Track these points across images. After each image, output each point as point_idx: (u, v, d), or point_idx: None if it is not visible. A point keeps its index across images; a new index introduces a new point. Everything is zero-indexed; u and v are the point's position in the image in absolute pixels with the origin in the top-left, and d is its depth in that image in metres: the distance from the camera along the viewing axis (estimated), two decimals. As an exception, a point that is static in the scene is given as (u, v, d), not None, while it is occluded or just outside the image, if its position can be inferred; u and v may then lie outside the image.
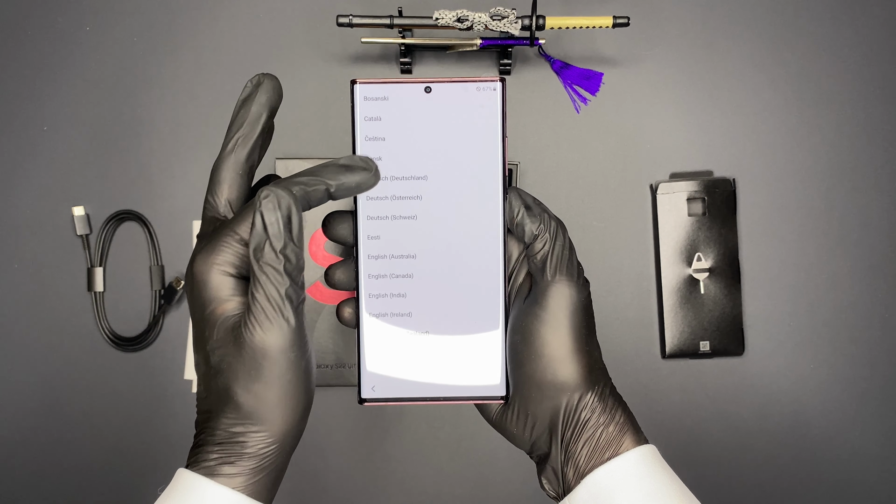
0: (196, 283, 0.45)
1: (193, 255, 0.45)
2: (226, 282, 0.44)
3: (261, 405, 0.44)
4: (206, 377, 0.46)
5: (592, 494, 0.47)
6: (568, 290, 0.48)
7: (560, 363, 0.47)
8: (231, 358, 0.44)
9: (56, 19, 0.88)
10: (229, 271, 0.44)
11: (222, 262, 0.44)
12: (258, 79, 0.49)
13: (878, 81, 0.88)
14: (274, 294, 0.43)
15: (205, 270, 0.44)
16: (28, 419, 0.87)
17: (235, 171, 0.47)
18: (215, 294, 0.44)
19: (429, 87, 0.48)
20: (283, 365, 0.44)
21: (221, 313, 0.44)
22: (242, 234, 0.44)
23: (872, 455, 0.88)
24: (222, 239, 0.44)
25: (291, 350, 0.44)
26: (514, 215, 0.49)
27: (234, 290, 0.45)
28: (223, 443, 0.45)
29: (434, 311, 0.50)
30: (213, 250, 0.44)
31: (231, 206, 0.47)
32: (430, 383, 0.50)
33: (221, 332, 0.44)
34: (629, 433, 0.48)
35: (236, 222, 0.45)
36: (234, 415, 0.44)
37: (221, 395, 0.45)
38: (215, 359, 0.44)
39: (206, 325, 0.45)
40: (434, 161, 0.48)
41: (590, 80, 0.87)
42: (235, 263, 0.44)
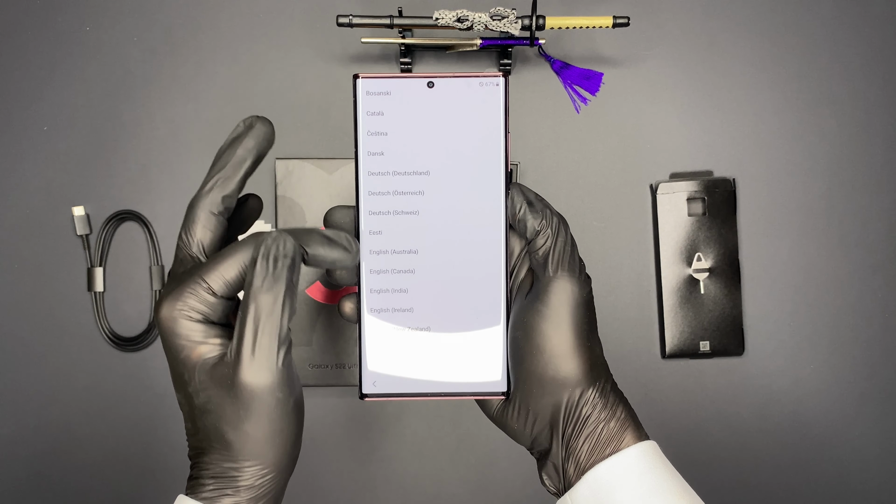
0: (164, 329, 0.45)
1: (160, 299, 0.45)
2: (195, 327, 0.44)
3: (251, 443, 0.45)
4: (192, 416, 0.46)
5: (593, 490, 0.47)
6: (570, 285, 0.48)
7: (561, 359, 0.47)
8: (218, 399, 0.44)
9: (56, 19, 0.88)
10: (195, 317, 0.44)
11: (189, 309, 0.44)
12: (251, 121, 0.48)
13: (878, 81, 0.88)
14: (266, 340, 0.43)
15: (172, 318, 0.44)
16: (28, 419, 0.87)
17: (211, 210, 0.47)
18: (187, 340, 0.44)
19: (431, 83, 0.48)
20: (271, 405, 0.44)
21: (198, 357, 0.44)
22: (212, 283, 0.44)
23: (872, 455, 0.88)
24: (188, 286, 0.44)
25: (280, 390, 0.44)
26: (517, 211, 0.49)
27: (205, 333, 0.45)
28: (218, 477, 0.45)
29: (435, 306, 0.50)
30: (178, 297, 0.44)
31: (202, 246, 0.47)
32: (430, 379, 0.50)
33: (203, 374, 0.44)
34: (630, 429, 0.48)
35: (206, 270, 0.44)
36: (225, 452, 0.45)
37: (210, 434, 0.45)
38: (200, 400, 0.45)
39: (183, 369, 0.45)
40: (436, 156, 0.49)
41: (590, 80, 0.87)
42: (202, 310, 0.45)
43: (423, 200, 0.49)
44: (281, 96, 0.88)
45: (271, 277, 0.43)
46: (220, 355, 0.44)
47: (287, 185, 0.83)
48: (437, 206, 0.49)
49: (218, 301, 0.45)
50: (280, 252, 0.44)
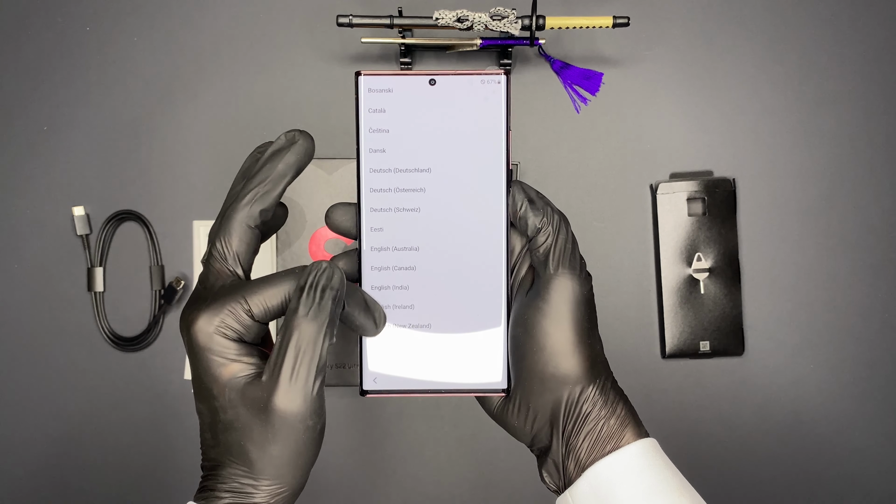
0: (197, 343, 0.45)
1: (195, 311, 0.45)
2: (229, 345, 0.45)
3: (274, 465, 0.45)
4: (213, 428, 0.46)
5: (593, 487, 0.47)
6: (570, 283, 0.48)
7: (562, 356, 0.47)
8: (247, 419, 0.44)
9: (56, 19, 0.88)
10: (231, 336, 0.45)
11: (225, 327, 0.44)
12: (293, 135, 0.49)
13: (878, 81, 0.88)
14: (304, 368, 0.43)
15: (208, 332, 0.44)
16: (28, 419, 0.87)
17: (248, 223, 0.47)
18: (220, 356, 0.45)
19: (433, 80, 0.48)
20: (300, 431, 0.45)
21: (230, 375, 0.45)
22: (253, 306, 0.45)
23: (872, 455, 0.88)
24: (229, 304, 0.45)
25: (311, 417, 0.45)
26: (518, 208, 0.49)
27: (238, 352, 0.45)
28: (234, 492, 0.45)
29: (436, 303, 0.50)
30: (217, 313, 0.45)
31: (239, 259, 0.47)
32: (431, 376, 0.50)
33: (233, 393, 0.45)
34: (630, 426, 0.48)
35: (249, 293, 0.45)
36: (245, 469, 0.45)
37: (233, 450, 0.45)
38: (227, 416, 0.45)
39: (213, 384, 0.45)
40: (437, 154, 0.49)
41: (590, 80, 0.87)
42: (238, 330, 0.45)
43: (425, 197, 0.49)
44: (281, 96, 0.88)
45: (317, 307, 0.44)
46: (251, 375, 0.45)
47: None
48: (438, 204, 0.49)
49: (254, 324, 0.45)
50: (329, 282, 0.44)
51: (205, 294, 0.46)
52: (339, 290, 0.45)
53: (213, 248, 0.48)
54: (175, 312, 0.87)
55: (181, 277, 0.86)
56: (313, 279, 0.44)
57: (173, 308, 0.87)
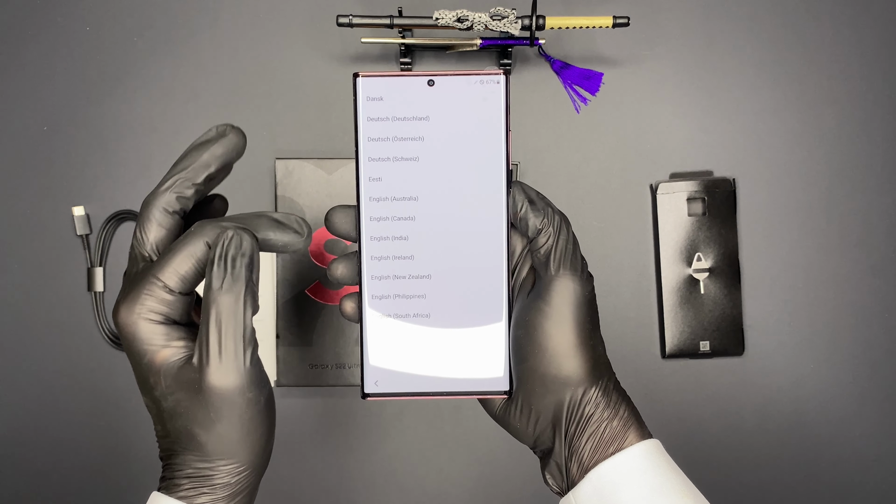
0: (125, 334, 0.44)
1: (117, 302, 0.44)
2: (156, 329, 0.44)
3: (224, 443, 0.45)
4: (161, 419, 0.46)
5: (597, 489, 0.46)
6: (572, 284, 0.48)
7: (564, 358, 0.47)
8: (187, 402, 0.44)
9: (56, 19, 0.88)
10: (156, 319, 0.44)
11: (147, 312, 0.44)
12: (224, 129, 0.48)
13: (878, 81, 0.88)
14: (231, 342, 0.43)
15: (131, 321, 0.44)
16: (28, 419, 0.87)
17: (165, 208, 0.47)
18: (149, 344, 0.44)
19: (432, 81, 0.48)
20: (242, 405, 0.44)
21: (162, 360, 0.44)
22: (167, 280, 0.44)
23: (872, 455, 0.88)
24: (145, 286, 0.44)
25: (250, 390, 0.44)
26: (518, 209, 0.49)
27: (167, 335, 0.44)
28: (192, 477, 0.45)
29: (437, 307, 0.49)
30: (136, 299, 0.44)
31: (156, 247, 0.46)
32: (433, 378, 0.50)
33: (169, 378, 0.44)
34: (633, 428, 0.48)
35: (159, 268, 0.44)
36: (198, 453, 0.45)
37: (182, 436, 0.45)
38: (169, 403, 0.44)
39: (148, 373, 0.44)
40: (437, 155, 0.48)
41: (590, 80, 0.87)
42: (161, 311, 0.44)
43: (424, 200, 0.49)
44: (281, 96, 0.88)
45: (230, 277, 0.43)
46: (184, 357, 0.44)
47: (287, 185, 0.83)
48: (437, 206, 0.49)
49: (176, 298, 0.44)
50: (238, 251, 0.43)
51: (125, 286, 0.46)
52: (250, 255, 0.44)
53: (133, 237, 0.47)
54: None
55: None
56: (222, 250, 0.43)
57: (173, 308, 0.87)
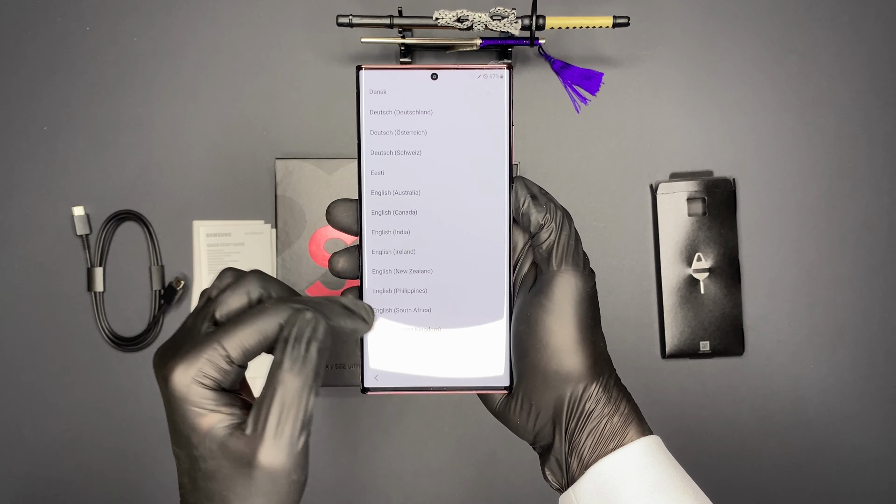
0: (174, 393, 0.43)
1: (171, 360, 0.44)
2: (207, 394, 0.43)
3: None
4: (192, 474, 0.45)
5: (597, 485, 0.46)
6: (574, 280, 0.47)
7: (565, 353, 0.47)
8: (229, 470, 0.43)
9: (56, 19, 0.88)
10: (209, 385, 0.43)
11: (202, 376, 0.43)
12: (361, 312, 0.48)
13: (878, 81, 0.88)
14: (290, 423, 0.42)
15: (184, 383, 0.43)
16: (28, 419, 0.87)
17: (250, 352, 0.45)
18: (199, 406, 0.43)
19: (435, 74, 0.48)
20: (284, 486, 0.44)
21: (209, 425, 0.43)
22: (231, 351, 0.43)
23: (872, 455, 0.88)
24: (206, 352, 0.43)
25: (295, 472, 0.44)
26: (520, 205, 0.49)
27: (217, 401, 0.44)
28: None
29: (438, 301, 0.49)
30: (194, 363, 0.43)
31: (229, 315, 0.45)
32: (432, 373, 0.50)
33: (213, 443, 0.43)
34: (634, 424, 0.48)
35: (225, 337, 0.43)
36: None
37: (213, 498, 0.44)
38: (208, 466, 0.44)
39: (191, 433, 0.44)
40: (439, 149, 0.48)
41: (590, 80, 0.87)
42: (216, 378, 0.43)
43: (426, 195, 0.48)
44: (281, 96, 0.88)
45: (302, 360, 0.42)
46: (232, 426, 0.43)
47: (287, 185, 0.83)
48: (439, 200, 0.49)
49: (233, 370, 0.44)
50: (313, 335, 0.43)
51: (181, 340, 0.45)
52: (323, 340, 0.43)
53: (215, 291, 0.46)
54: (175, 312, 0.87)
55: (181, 277, 0.86)
56: (298, 331, 0.43)
57: (173, 308, 0.87)
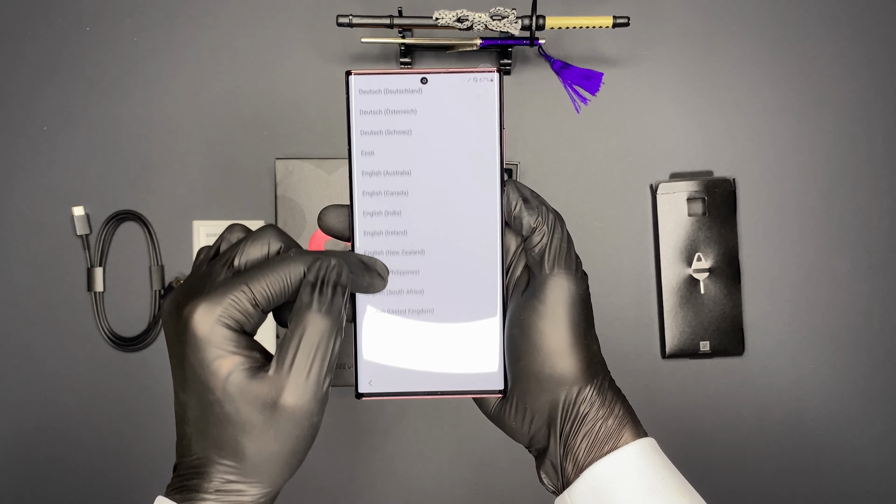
0: (196, 334, 0.43)
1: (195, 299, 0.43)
2: (231, 336, 0.43)
3: (269, 461, 0.44)
4: (203, 421, 0.45)
5: (592, 488, 0.46)
6: (566, 283, 0.47)
7: (559, 356, 0.47)
8: (247, 414, 0.43)
9: (56, 19, 0.88)
10: (233, 326, 0.43)
11: (227, 316, 0.43)
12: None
13: (878, 81, 0.88)
14: (318, 364, 0.43)
15: (209, 321, 0.43)
16: (28, 419, 0.87)
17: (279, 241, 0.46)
18: (220, 348, 0.43)
19: (425, 78, 0.47)
20: (304, 428, 0.44)
21: (230, 367, 0.43)
22: (257, 293, 0.43)
23: (872, 455, 0.88)
24: (233, 293, 0.43)
25: (316, 415, 0.44)
26: (512, 208, 0.48)
27: (239, 344, 0.44)
28: (220, 491, 0.44)
29: (430, 306, 0.49)
30: (219, 302, 0.43)
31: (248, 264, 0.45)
32: (427, 378, 0.49)
33: (233, 386, 0.43)
34: (628, 426, 0.48)
35: (252, 279, 0.43)
36: (236, 466, 0.44)
37: (224, 445, 0.44)
38: (225, 410, 0.44)
39: (210, 377, 0.43)
40: (431, 153, 0.48)
41: (590, 80, 0.87)
42: (240, 319, 0.44)
43: (418, 197, 0.48)
44: (281, 96, 0.88)
45: (329, 303, 0.43)
46: (253, 368, 0.44)
47: (287, 185, 0.83)
48: (431, 204, 0.48)
49: (256, 313, 0.44)
50: (339, 280, 0.44)
51: (200, 284, 0.45)
52: (347, 285, 0.44)
53: (231, 241, 0.47)
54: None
55: (181, 277, 0.86)
56: (325, 274, 0.44)
57: (173, 308, 0.87)
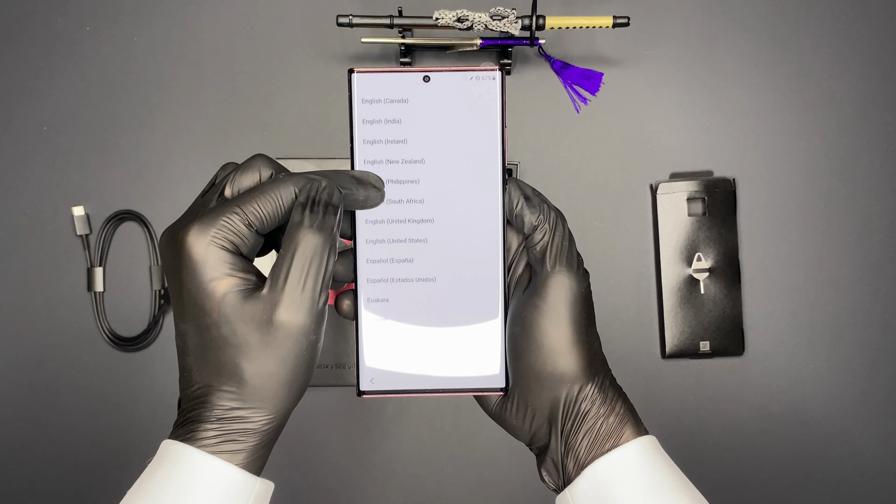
0: (191, 256, 0.43)
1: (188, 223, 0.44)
2: (226, 257, 0.44)
3: (269, 383, 0.44)
4: (202, 348, 0.45)
5: (593, 486, 0.46)
6: (568, 280, 0.47)
7: (560, 354, 0.47)
8: (244, 334, 0.43)
9: (56, 19, 0.88)
10: (228, 247, 0.44)
11: (221, 238, 0.44)
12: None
13: (878, 81, 0.88)
14: (311, 280, 0.43)
15: (201, 244, 0.43)
16: (28, 419, 0.87)
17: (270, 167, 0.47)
18: (215, 269, 0.44)
19: (427, 77, 0.48)
20: (302, 345, 0.44)
21: (226, 288, 0.44)
22: (250, 214, 0.44)
23: (872, 455, 0.88)
24: (225, 214, 0.44)
25: (314, 332, 0.44)
26: (514, 206, 0.49)
27: (234, 265, 0.44)
28: (223, 419, 0.44)
29: (432, 301, 0.49)
30: (212, 223, 0.44)
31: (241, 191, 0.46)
32: (429, 375, 0.50)
33: (228, 307, 0.43)
34: (629, 424, 0.48)
35: (244, 201, 0.44)
36: (237, 390, 0.44)
37: (224, 370, 0.44)
38: (222, 332, 0.44)
39: (206, 299, 0.44)
40: (432, 151, 0.48)
41: (590, 80, 0.87)
42: (234, 241, 0.44)
43: (419, 195, 0.48)
44: (281, 96, 0.88)
45: (321, 220, 0.44)
46: (249, 288, 0.44)
47: (287, 185, 0.83)
48: (433, 202, 0.48)
49: (251, 234, 0.44)
50: (329, 199, 0.44)
51: (192, 211, 0.46)
52: (339, 207, 0.45)
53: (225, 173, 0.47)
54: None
55: (181, 277, 0.86)
56: (316, 194, 0.44)
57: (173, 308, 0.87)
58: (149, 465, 0.46)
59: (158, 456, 0.45)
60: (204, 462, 0.44)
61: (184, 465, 0.44)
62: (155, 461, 0.45)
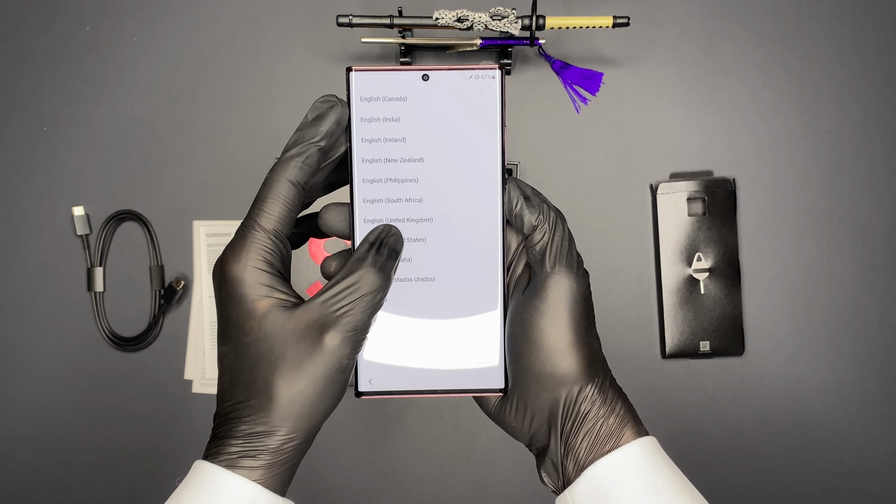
0: (230, 281, 0.45)
1: (224, 253, 0.45)
2: (262, 276, 0.45)
3: (297, 401, 0.45)
4: (235, 368, 0.45)
5: (593, 487, 0.46)
6: (567, 281, 0.47)
7: (559, 355, 0.47)
8: (281, 350, 0.44)
9: (56, 19, 0.88)
10: (262, 267, 0.45)
11: (254, 259, 0.44)
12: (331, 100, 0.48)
13: (878, 81, 0.88)
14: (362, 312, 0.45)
15: (237, 268, 0.44)
16: (28, 419, 0.87)
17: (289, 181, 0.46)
18: (253, 290, 0.44)
19: (426, 75, 0.47)
20: (335, 368, 0.45)
21: (266, 307, 0.44)
22: (264, 223, 0.45)
23: (872, 455, 0.88)
24: (247, 238, 0.45)
25: (347, 358, 0.45)
26: (513, 206, 0.48)
27: (272, 283, 0.45)
28: (248, 435, 0.45)
29: (430, 302, 0.49)
30: (242, 248, 0.45)
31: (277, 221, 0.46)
32: (427, 376, 0.49)
33: (268, 324, 0.44)
34: (629, 425, 0.48)
35: (257, 215, 0.45)
36: (263, 411, 0.45)
37: (254, 386, 0.45)
38: (258, 349, 0.44)
39: (246, 319, 0.44)
40: (432, 150, 0.48)
41: (590, 80, 0.87)
42: (266, 258, 0.45)
43: (418, 195, 0.48)
44: (281, 96, 0.88)
45: (384, 262, 0.46)
46: (288, 307, 0.45)
47: (287, 185, 0.83)
48: (431, 202, 0.48)
49: (276, 245, 0.45)
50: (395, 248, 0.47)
51: (229, 245, 0.46)
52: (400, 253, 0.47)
53: (254, 214, 0.47)
54: (175, 312, 0.87)
55: (181, 277, 0.86)
56: (385, 238, 0.46)
57: (173, 308, 0.87)
58: (179, 484, 0.46)
59: (189, 475, 0.46)
60: (230, 482, 0.44)
61: (211, 483, 0.45)
62: (186, 480, 0.46)
